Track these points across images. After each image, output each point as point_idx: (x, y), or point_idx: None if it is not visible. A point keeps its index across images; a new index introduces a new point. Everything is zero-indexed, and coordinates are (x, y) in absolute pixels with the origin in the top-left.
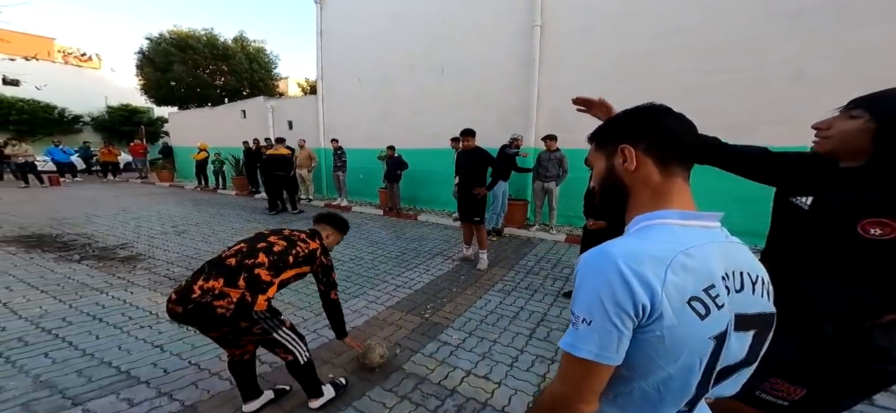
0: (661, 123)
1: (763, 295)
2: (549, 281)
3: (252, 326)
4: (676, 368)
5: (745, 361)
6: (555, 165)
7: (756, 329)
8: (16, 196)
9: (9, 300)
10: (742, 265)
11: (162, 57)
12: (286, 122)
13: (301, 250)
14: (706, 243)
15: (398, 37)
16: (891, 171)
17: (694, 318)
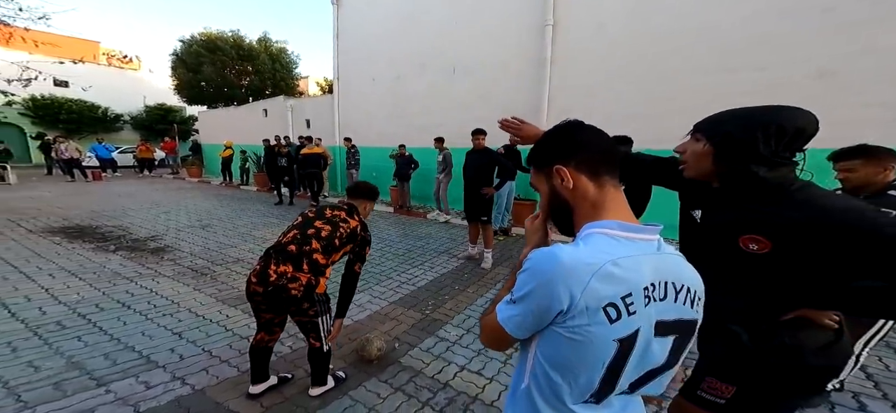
0: (583, 139)
1: (686, 303)
2: None
3: (310, 308)
4: (581, 364)
5: (667, 365)
6: None
7: (676, 334)
8: (62, 190)
9: (50, 286)
10: (669, 275)
11: (193, 58)
12: (304, 120)
13: (344, 231)
14: (638, 255)
15: (411, 37)
16: (744, 192)
17: (604, 321)
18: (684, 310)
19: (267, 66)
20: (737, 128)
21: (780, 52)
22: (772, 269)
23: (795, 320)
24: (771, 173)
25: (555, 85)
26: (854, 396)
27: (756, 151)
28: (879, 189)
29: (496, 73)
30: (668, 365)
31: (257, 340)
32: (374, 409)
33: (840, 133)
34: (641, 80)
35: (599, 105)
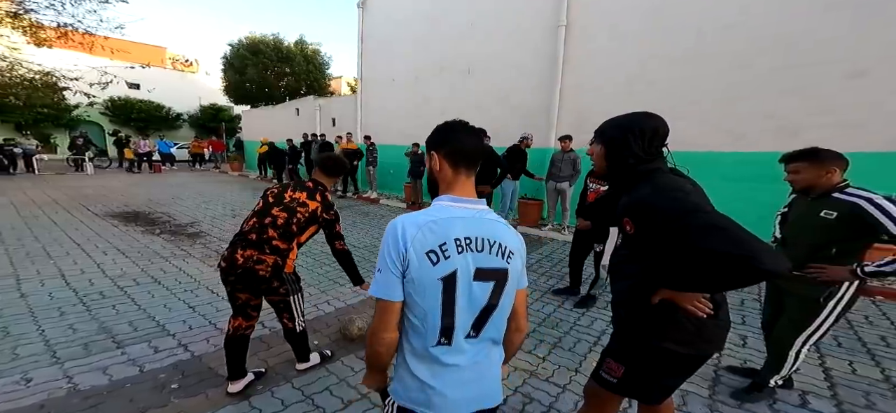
0: (454, 138)
1: (498, 254)
2: (544, 278)
3: (281, 286)
4: (425, 303)
5: (491, 305)
6: (568, 166)
7: (494, 280)
8: (128, 180)
9: (102, 262)
10: (484, 233)
11: (239, 61)
12: (331, 119)
13: (302, 215)
14: (454, 217)
15: (430, 39)
16: (626, 182)
17: (428, 264)
18: (497, 261)
19: (302, 68)
20: (615, 131)
21: (809, 49)
22: (639, 249)
23: (662, 303)
24: (641, 165)
25: (567, 85)
26: (802, 394)
27: (629, 149)
28: (824, 191)
29: (510, 73)
30: (493, 305)
31: (234, 327)
32: (345, 381)
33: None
34: (658, 79)
35: (613, 105)
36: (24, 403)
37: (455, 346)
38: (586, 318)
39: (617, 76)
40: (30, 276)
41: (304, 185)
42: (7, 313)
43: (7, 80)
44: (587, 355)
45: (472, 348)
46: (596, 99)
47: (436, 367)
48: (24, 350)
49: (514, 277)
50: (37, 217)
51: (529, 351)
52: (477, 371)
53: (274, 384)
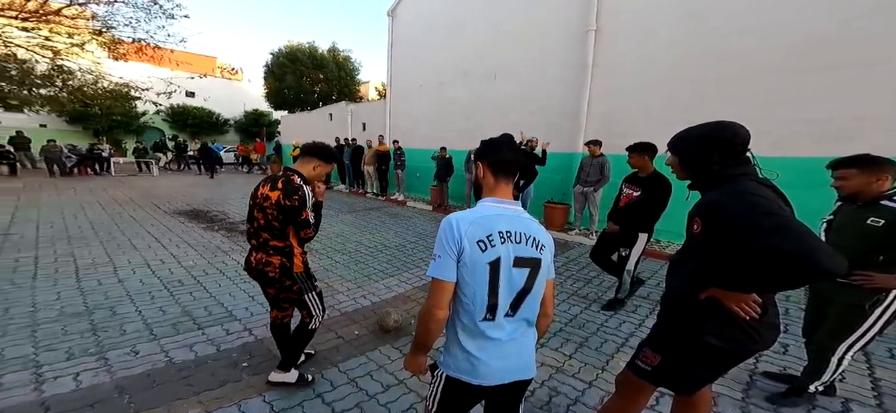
0: (498, 151)
1: (531, 246)
2: (570, 281)
3: (293, 285)
4: (475, 283)
5: (527, 289)
6: (596, 170)
7: (529, 267)
8: (187, 181)
9: (176, 254)
10: (521, 228)
11: (279, 68)
12: (361, 123)
13: (271, 212)
14: (496, 215)
15: (456, 45)
16: (703, 186)
17: (478, 251)
18: (532, 251)
19: (334, 74)
20: (690, 143)
21: (851, 51)
22: (699, 249)
23: (708, 300)
24: (726, 170)
25: (596, 89)
26: (844, 402)
27: (708, 156)
28: (873, 197)
29: (535, 78)
30: (528, 289)
31: (273, 317)
32: (383, 368)
33: None
34: (695, 82)
35: (646, 109)
36: (135, 372)
37: (497, 322)
38: (614, 321)
39: (648, 80)
40: (123, 265)
41: (274, 176)
42: (111, 296)
43: (93, 91)
44: (614, 355)
45: (510, 326)
46: (626, 103)
47: (481, 340)
48: (129, 327)
49: (546, 266)
50: (120, 214)
51: (556, 348)
52: (515, 346)
53: (323, 366)
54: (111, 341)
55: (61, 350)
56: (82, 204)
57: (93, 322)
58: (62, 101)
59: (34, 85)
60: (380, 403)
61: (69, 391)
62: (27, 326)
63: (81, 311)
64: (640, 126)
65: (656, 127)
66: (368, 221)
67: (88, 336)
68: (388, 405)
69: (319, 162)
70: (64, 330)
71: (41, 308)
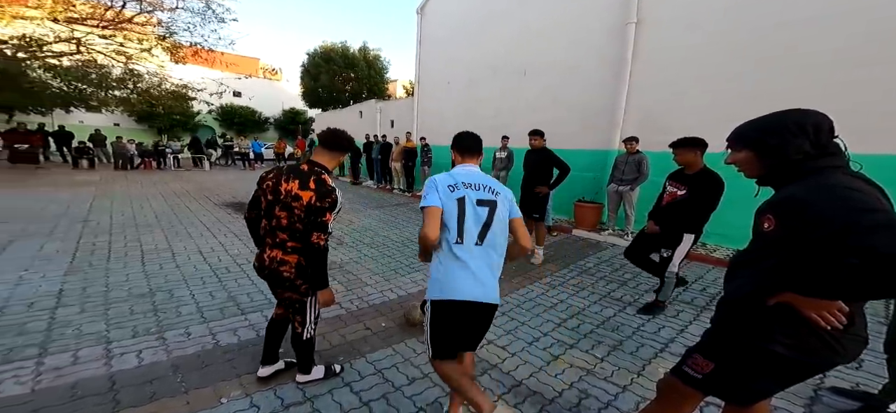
0: (459, 140)
1: (489, 193)
2: (601, 283)
3: (303, 284)
4: (449, 214)
5: (488, 223)
6: (632, 168)
7: (488, 207)
8: (232, 175)
9: (224, 243)
10: (480, 181)
11: (314, 68)
12: (389, 120)
13: (299, 212)
14: (461, 173)
15: (485, 42)
16: (782, 180)
17: (448, 191)
18: (489, 195)
19: (364, 72)
20: (766, 134)
21: None
22: (768, 249)
23: (778, 305)
24: (809, 162)
25: (636, 84)
26: None
27: (791, 146)
28: None
29: (568, 74)
30: (489, 223)
31: (276, 314)
32: (409, 361)
33: None
34: (742, 75)
35: (690, 104)
36: (188, 352)
37: (466, 246)
38: (652, 325)
39: (693, 74)
40: (179, 251)
41: (298, 169)
42: (170, 280)
43: (158, 92)
44: (651, 360)
45: (478, 253)
46: (668, 98)
47: (453, 262)
48: (184, 310)
49: (503, 207)
50: (177, 205)
51: (587, 350)
52: (482, 273)
53: (352, 356)
54: (169, 322)
55: (128, 328)
56: (147, 195)
57: (154, 303)
58: (133, 102)
59: (110, 87)
60: (405, 395)
61: (133, 367)
62: (101, 305)
63: (145, 293)
64: (683, 121)
65: (701, 122)
66: (395, 217)
67: (150, 316)
68: (412, 398)
69: (342, 154)
70: (131, 310)
71: (112, 288)
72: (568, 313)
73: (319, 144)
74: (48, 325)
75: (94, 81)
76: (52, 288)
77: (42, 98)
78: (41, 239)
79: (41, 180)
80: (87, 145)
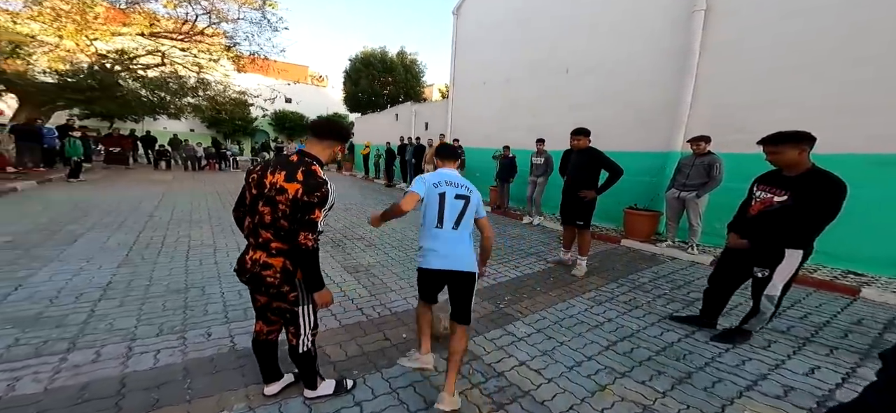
0: (440, 150)
1: (464, 190)
2: (660, 301)
3: (291, 291)
4: (429, 207)
5: (463, 212)
6: (700, 172)
7: (463, 200)
8: None
9: None
10: (456, 180)
11: (355, 73)
12: (424, 123)
13: (283, 207)
14: (442, 173)
15: (523, 40)
16: None
17: (432, 187)
18: (464, 191)
19: (402, 76)
20: None
21: None
22: None
23: None
24: None
25: (704, 78)
26: None
27: None
28: None
29: (616, 69)
30: (463, 213)
31: (257, 331)
32: (428, 380)
33: None
34: (843, 62)
35: (774, 99)
36: (204, 354)
37: (444, 230)
38: (733, 356)
39: (778, 65)
40: (221, 247)
41: (286, 160)
42: (206, 276)
43: (222, 99)
44: (735, 400)
45: (454, 234)
46: (746, 92)
47: (432, 239)
48: (211, 308)
49: (473, 203)
50: (228, 202)
51: (642, 381)
52: (454, 247)
53: (366, 370)
54: (194, 320)
55: (155, 325)
56: (206, 193)
57: (186, 300)
58: (203, 108)
59: (184, 95)
60: None
61: (147, 368)
62: (138, 299)
63: (181, 288)
64: (766, 118)
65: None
66: None
67: (179, 313)
68: None
69: (337, 142)
70: (163, 305)
71: (154, 282)
72: (618, 335)
73: (311, 133)
74: (86, 318)
75: (172, 90)
76: (103, 280)
77: (132, 106)
78: (110, 232)
79: (126, 179)
80: (166, 148)
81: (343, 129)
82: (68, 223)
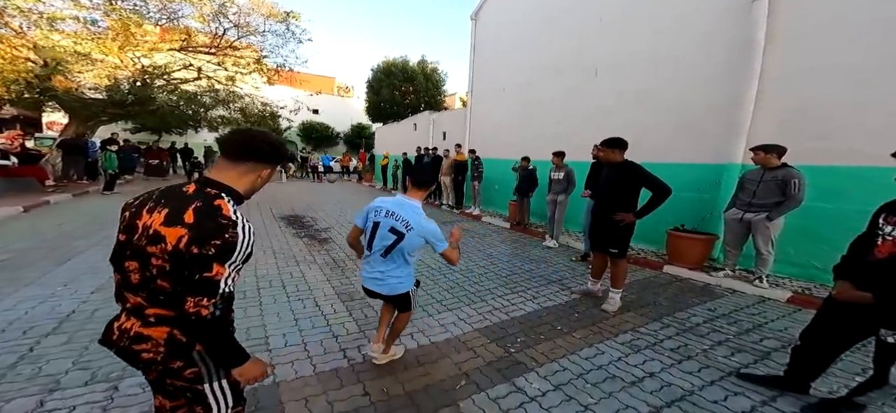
0: (413, 173)
1: (400, 223)
2: (721, 350)
3: (186, 368)
4: (366, 230)
5: (394, 245)
6: (771, 189)
7: (396, 236)
8: (302, 187)
9: (259, 259)
10: (396, 211)
11: (377, 83)
12: (442, 132)
13: (157, 261)
14: (386, 199)
15: (545, 41)
16: None
17: (370, 216)
18: (401, 226)
19: (422, 85)
20: None
21: None
22: None
23: None
24: None
25: (771, 72)
26: None
27: None
28: None
29: (656, 69)
30: (393, 246)
31: (157, 408)
32: None
33: None
34: None
35: (865, 95)
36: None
37: (373, 255)
38: None
39: (863, 56)
40: None
41: (177, 191)
42: None
43: (251, 110)
44: None
45: (381, 262)
46: (830, 90)
47: (364, 262)
48: None
49: (407, 243)
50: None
51: None
52: (383, 276)
53: None
54: None
55: (90, 370)
56: None
57: None
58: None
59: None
60: None
61: None
62: (91, 334)
63: None
64: (855, 123)
65: (890, 126)
66: None
67: None
68: None
69: (264, 165)
70: None
71: None
72: (665, 397)
73: (221, 153)
74: (16, 361)
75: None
76: (67, 309)
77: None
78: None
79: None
80: (199, 160)
81: (271, 147)
82: (77, 238)
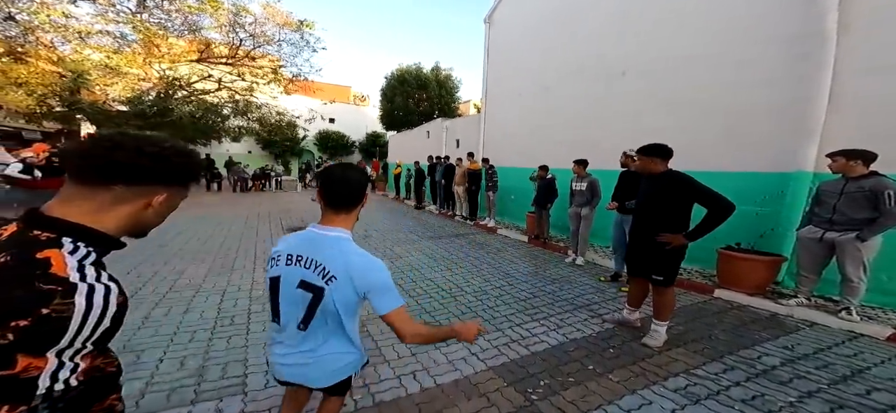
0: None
1: (315, 272)
2: (816, 405)
3: None
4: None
5: (309, 315)
6: (857, 204)
7: (312, 294)
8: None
9: (256, 280)
10: (314, 254)
11: (391, 91)
12: (455, 140)
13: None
14: (296, 238)
15: (564, 42)
16: None
17: (269, 267)
18: (314, 277)
19: (436, 92)
20: None
21: None
22: None
23: None
24: None
25: (846, 66)
26: None
27: None
28: None
29: (696, 67)
30: (310, 316)
31: None
32: None
33: None
34: None
35: None
36: None
37: (286, 330)
38: None
39: None
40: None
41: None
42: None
43: (269, 120)
44: None
45: (301, 338)
46: None
47: (272, 343)
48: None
49: (335, 300)
50: (250, 228)
51: None
52: (304, 357)
53: None
54: None
55: None
56: (235, 216)
57: None
58: (256, 131)
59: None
60: None
61: None
62: None
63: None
64: None
65: None
66: (449, 251)
67: None
68: None
69: (150, 187)
70: None
71: None
72: None
73: (68, 173)
74: None
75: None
76: None
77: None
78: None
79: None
80: (218, 171)
81: (154, 159)
82: None
